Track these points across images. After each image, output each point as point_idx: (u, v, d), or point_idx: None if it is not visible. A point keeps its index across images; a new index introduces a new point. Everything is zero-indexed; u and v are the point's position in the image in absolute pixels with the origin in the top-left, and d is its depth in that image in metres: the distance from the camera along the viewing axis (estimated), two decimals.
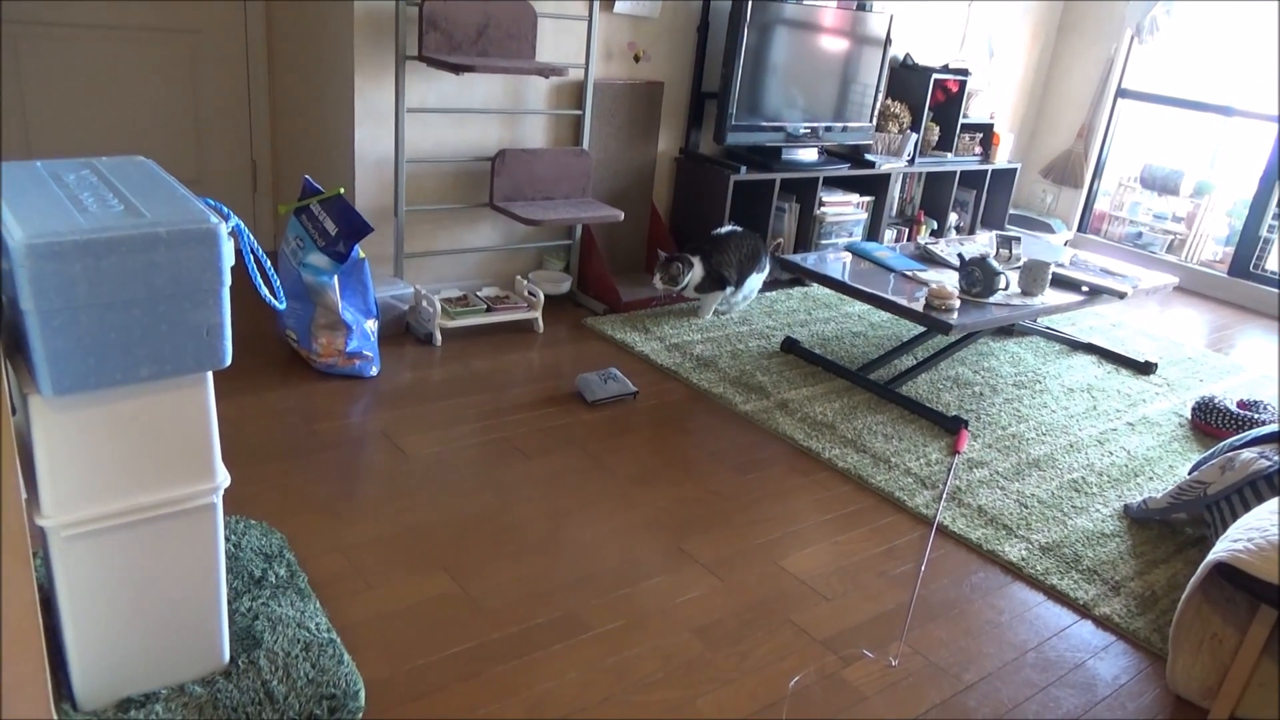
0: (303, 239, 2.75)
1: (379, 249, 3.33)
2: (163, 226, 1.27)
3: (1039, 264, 3.20)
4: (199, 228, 1.29)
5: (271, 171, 3.75)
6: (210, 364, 1.37)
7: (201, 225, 1.29)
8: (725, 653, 1.85)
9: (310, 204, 2.78)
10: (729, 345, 3.44)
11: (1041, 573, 2.23)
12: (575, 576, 2.03)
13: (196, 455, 1.44)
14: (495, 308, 3.32)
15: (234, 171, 3.68)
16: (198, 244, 1.29)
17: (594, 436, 2.67)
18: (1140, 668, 1.96)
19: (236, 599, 1.78)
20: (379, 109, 3.20)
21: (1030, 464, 2.78)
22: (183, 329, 1.32)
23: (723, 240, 3.63)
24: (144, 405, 1.37)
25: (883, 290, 3.10)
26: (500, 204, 3.37)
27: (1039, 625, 2.06)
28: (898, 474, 2.63)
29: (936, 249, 3.63)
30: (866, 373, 3.29)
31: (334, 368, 2.83)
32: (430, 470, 2.39)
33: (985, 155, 5.06)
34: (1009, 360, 3.65)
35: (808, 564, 2.18)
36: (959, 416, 2.98)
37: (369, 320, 2.88)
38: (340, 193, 2.74)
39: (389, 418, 2.64)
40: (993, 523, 2.43)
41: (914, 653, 1.92)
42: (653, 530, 2.24)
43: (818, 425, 2.87)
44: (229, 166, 3.66)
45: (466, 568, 2.01)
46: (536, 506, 2.28)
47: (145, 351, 1.31)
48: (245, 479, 2.24)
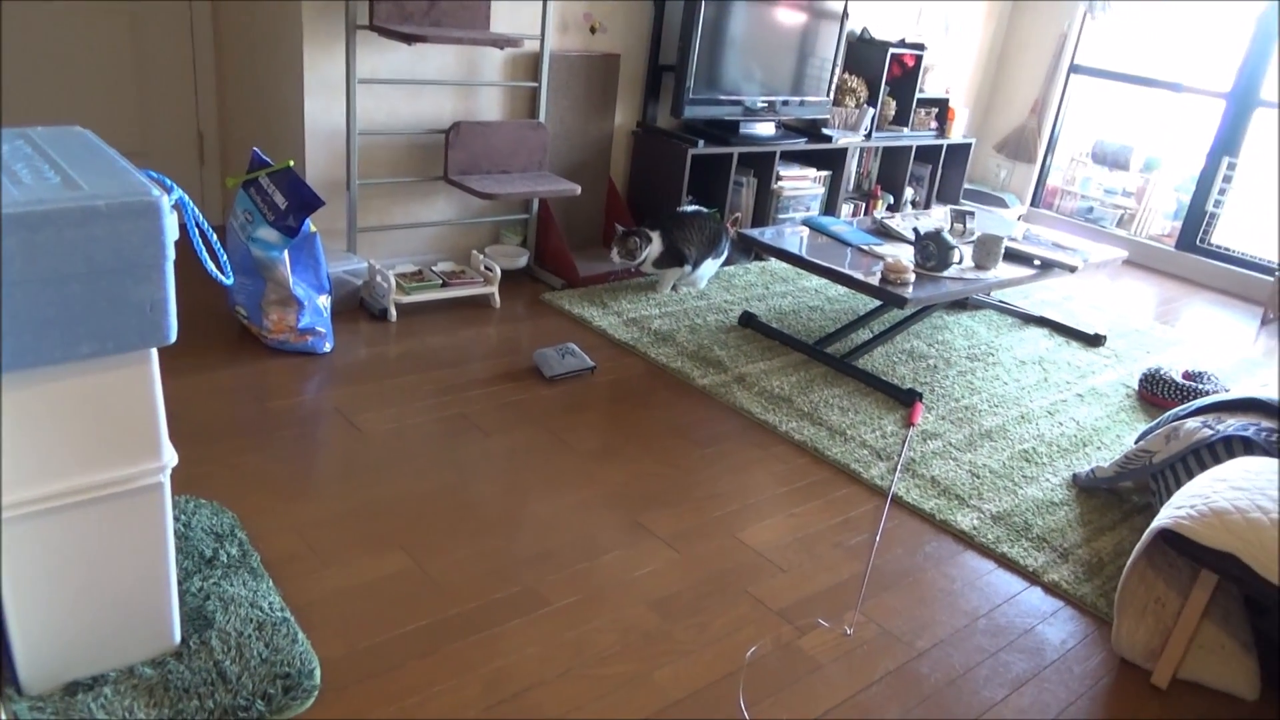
0: (252, 213, 2.69)
1: (331, 223, 3.28)
2: (101, 199, 1.24)
3: (992, 238, 3.23)
4: (139, 200, 1.26)
5: (219, 143, 3.67)
6: (154, 340, 1.34)
7: (142, 198, 1.26)
8: (683, 625, 1.86)
9: (259, 177, 2.73)
10: (687, 320, 3.45)
11: (993, 541, 2.27)
12: (534, 552, 2.02)
13: (142, 434, 1.41)
14: (451, 283, 3.29)
15: (180, 143, 3.59)
16: (138, 217, 1.26)
17: (552, 412, 2.67)
18: (1087, 632, 2.01)
19: (187, 579, 1.76)
20: (330, 80, 3.13)
21: (982, 435, 2.83)
22: (125, 305, 1.29)
23: (685, 219, 3.62)
24: (86, 384, 1.34)
25: (839, 264, 3.12)
26: (455, 177, 3.33)
27: (990, 592, 2.10)
28: (853, 446, 2.66)
29: (892, 223, 3.66)
30: (823, 346, 3.31)
31: (286, 344, 2.79)
32: (386, 448, 2.37)
33: (941, 130, 5.10)
34: (963, 333, 3.69)
35: (765, 536, 2.19)
36: (914, 389, 3.02)
37: (321, 296, 2.84)
38: (290, 165, 2.68)
39: (343, 395, 2.61)
40: (946, 493, 2.47)
41: (868, 621, 1.95)
42: (611, 505, 2.24)
43: (775, 399, 2.89)
44: (174, 138, 3.57)
45: (424, 545, 2.00)
46: (494, 483, 2.27)
47: (86, 328, 1.28)
48: (195, 458, 2.20)
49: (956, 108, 5.17)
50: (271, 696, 1.53)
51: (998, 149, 5.66)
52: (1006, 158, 5.64)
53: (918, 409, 2.90)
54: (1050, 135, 5.52)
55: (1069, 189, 5.61)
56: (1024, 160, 5.57)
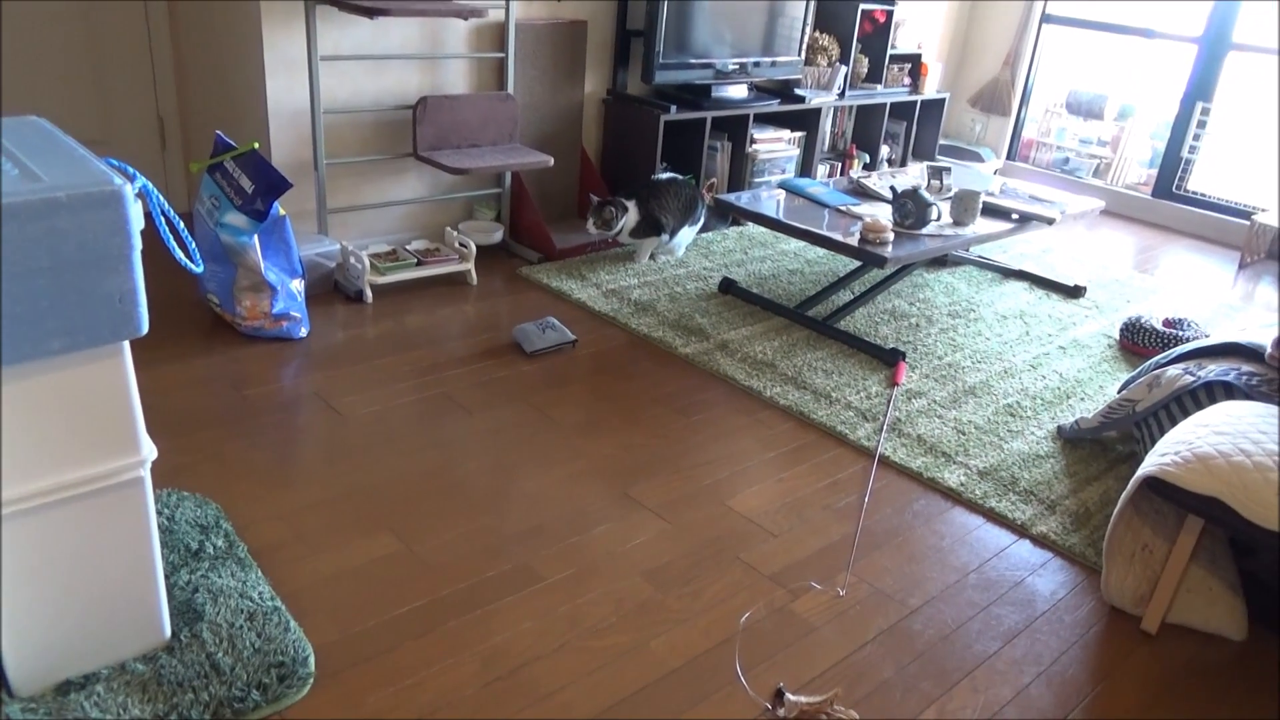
0: (218, 198, 2.66)
1: (300, 205, 3.25)
2: (63, 190, 1.21)
3: (969, 194, 3.24)
4: (102, 190, 1.24)
5: (180, 128, 3.61)
6: (126, 333, 1.32)
7: (105, 187, 1.24)
8: (676, 594, 1.88)
9: (224, 161, 2.69)
10: (666, 288, 3.44)
11: (980, 496, 2.30)
12: (524, 529, 2.03)
13: (119, 428, 1.39)
14: (426, 261, 3.27)
15: (140, 130, 3.53)
16: (102, 207, 1.24)
17: (535, 387, 2.66)
18: (1076, 581, 2.04)
19: (174, 573, 1.75)
20: (291, 58, 3.08)
21: (966, 392, 2.85)
22: (94, 298, 1.27)
23: (660, 186, 3.60)
24: (58, 380, 1.32)
25: (817, 226, 3.12)
26: (425, 154, 3.30)
27: (979, 547, 2.12)
28: (839, 409, 2.67)
29: (869, 182, 3.66)
30: (804, 310, 3.32)
31: (261, 330, 2.77)
32: (368, 431, 2.36)
33: (914, 86, 5.09)
34: (943, 291, 3.71)
35: (754, 502, 2.21)
36: (896, 349, 3.03)
37: (294, 280, 2.81)
38: (255, 148, 2.65)
39: (322, 379, 2.59)
40: (932, 451, 2.49)
41: (860, 581, 1.97)
42: (599, 478, 2.25)
43: (758, 364, 2.90)
44: (135, 125, 3.52)
45: (412, 527, 2.00)
46: (480, 461, 2.27)
47: (55, 323, 1.26)
48: (175, 450, 2.19)
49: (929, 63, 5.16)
50: (266, 686, 1.53)
51: (972, 103, 5.65)
52: (981, 111, 5.64)
53: (901, 368, 2.92)
54: (1024, 87, 5.52)
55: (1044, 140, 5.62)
56: (998, 113, 5.57)
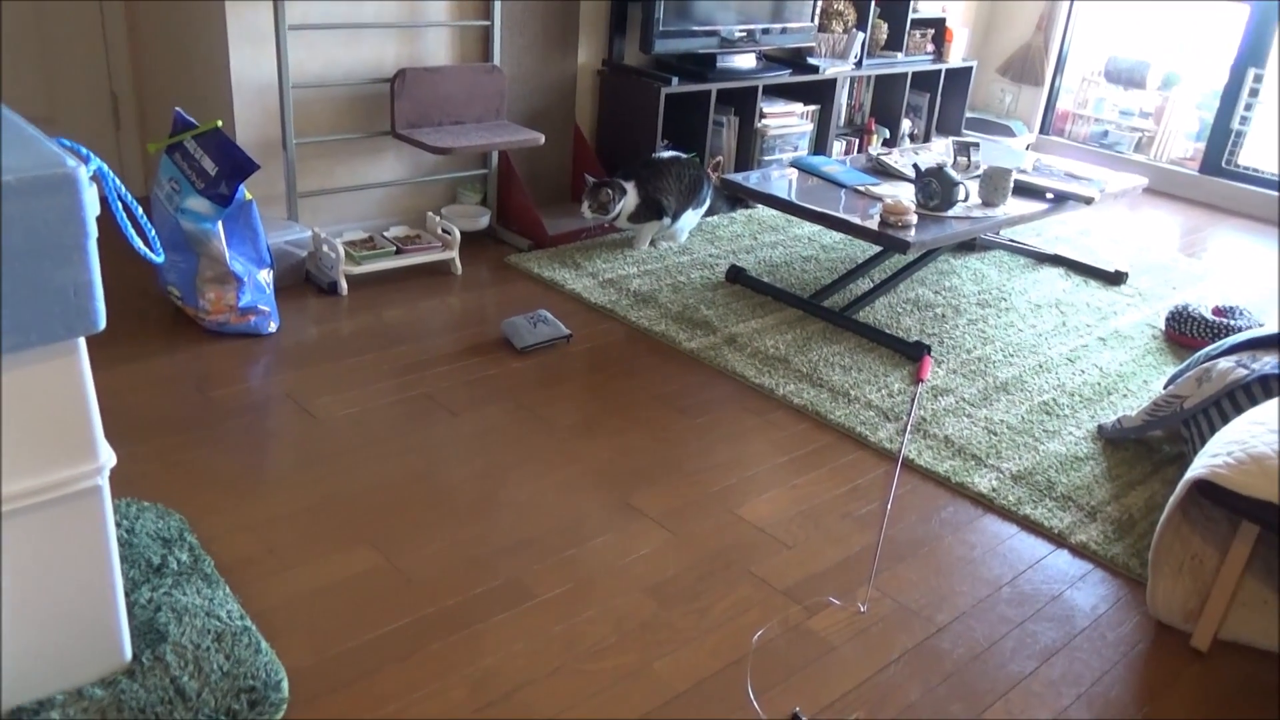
0: (178, 181, 2.67)
1: (268, 189, 3.26)
2: (10, 174, 1.22)
3: (999, 171, 3.24)
4: (53, 173, 1.24)
5: (136, 105, 3.62)
6: (81, 329, 1.33)
7: (56, 170, 1.24)
8: (682, 611, 1.89)
9: (184, 140, 2.69)
10: (669, 278, 3.45)
11: (1014, 503, 2.31)
12: (514, 540, 2.04)
13: (74, 434, 1.40)
14: (406, 249, 3.28)
15: (92, 107, 3.54)
16: (53, 192, 1.24)
17: (526, 387, 2.67)
18: (1119, 595, 2.05)
19: (134, 590, 1.76)
20: (256, 28, 3.09)
21: (998, 388, 2.86)
22: (46, 291, 1.28)
23: (661, 166, 3.60)
24: (7, 381, 1.33)
25: (833, 208, 3.13)
26: (404, 131, 3.30)
27: (1013, 558, 2.13)
28: (858, 408, 2.68)
29: (890, 160, 3.66)
30: (820, 300, 3.33)
31: (226, 326, 2.78)
32: (345, 434, 2.37)
33: (938, 54, 5.09)
34: (971, 278, 3.72)
35: (766, 510, 2.22)
36: (921, 342, 3.04)
37: (262, 270, 2.82)
38: (218, 126, 2.66)
39: (294, 378, 2.60)
40: (961, 453, 2.50)
41: (883, 596, 1.98)
42: (596, 485, 2.26)
43: (770, 360, 2.90)
44: (86, 101, 3.52)
45: (393, 539, 2.01)
46: (467, 467, 2.28)
47: (4, 320, 1.26)
48: (134, 457, 2.20)
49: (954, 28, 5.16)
50: (236, 712, 1.54)
51: (1001, 72, 5.65)
52: (1011, 81, 5.64)
53: (926, 363, 2.93)
54: (1059, 54, 5.52)
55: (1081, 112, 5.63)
56: (1030, 83, 5.58)
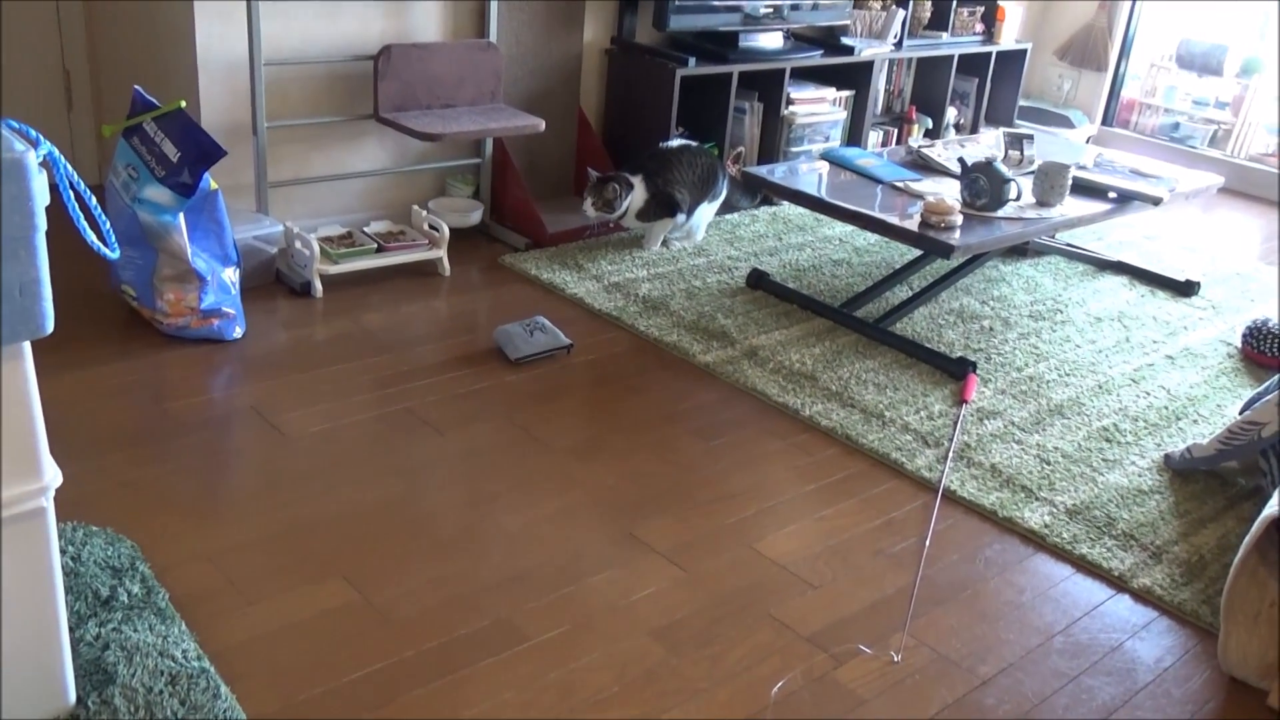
0: (136, 168, 2.68)
1: (236, 177, 3.27)
2: None
3: (1056, 167, 3.25)
4: None
5: (90, 83, 3.64)
6: (27, 332, 1.34)
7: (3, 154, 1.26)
8: (692, 658, 1.89)
9: (143, 123, 2.71)
10: (682, 282, 3.46)
11: (1068, 541, 2.30)
12: (505, 575, 2.04)
13: (16, 449, 1.41)
14: (388, 247, 3.29)
15: (41, 85, 3.56)
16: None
17: (520, 402, 2.68)
18: (1187, 646, 2.05)
19: (80, 625, 1.77)
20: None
21: (1052, 411, 2.85)
22: None
23: (671, 156, 3.61)
24: None
25: (868, 207, 3.13)
26: (388, 115, 3.32)
27: (1067, 604, 2.13)
28: (894, 431, 2.68)
29: (932, 153, 3.67)
30: (852, 309, 3.33)
31: (186, 330, 2.79)
32: (317, 454, 2.37)
33: (988, 34, 5.10)
34: (1023, 286, 3.72)
35: (788, 546, 2.22)
36: (965, 358, 3.04)
37: (228, 269, 2.83)
38: (181, 107, 2.67)
39: (261, 390, 2.61)
40: (1009, 484, 2.49)
41: (919, 645, 1.97)
42: (598, 514, 2.26)
43: (795, 376, 2.91)
44: (34, 79, 3.54)
45: (369, 572, 2.01)
46: (453, 492, 2.29)
47: None
48: (82, 475, 2.21)
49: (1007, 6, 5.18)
50: None
51: (1060, 55, 5.66)
52: (1071, 66, 5.65)
53: (971, 382, 2.93)
54: (1124, 36, 5.53)
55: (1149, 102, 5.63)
56: (1092, 68, 5.58)
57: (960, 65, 5.04)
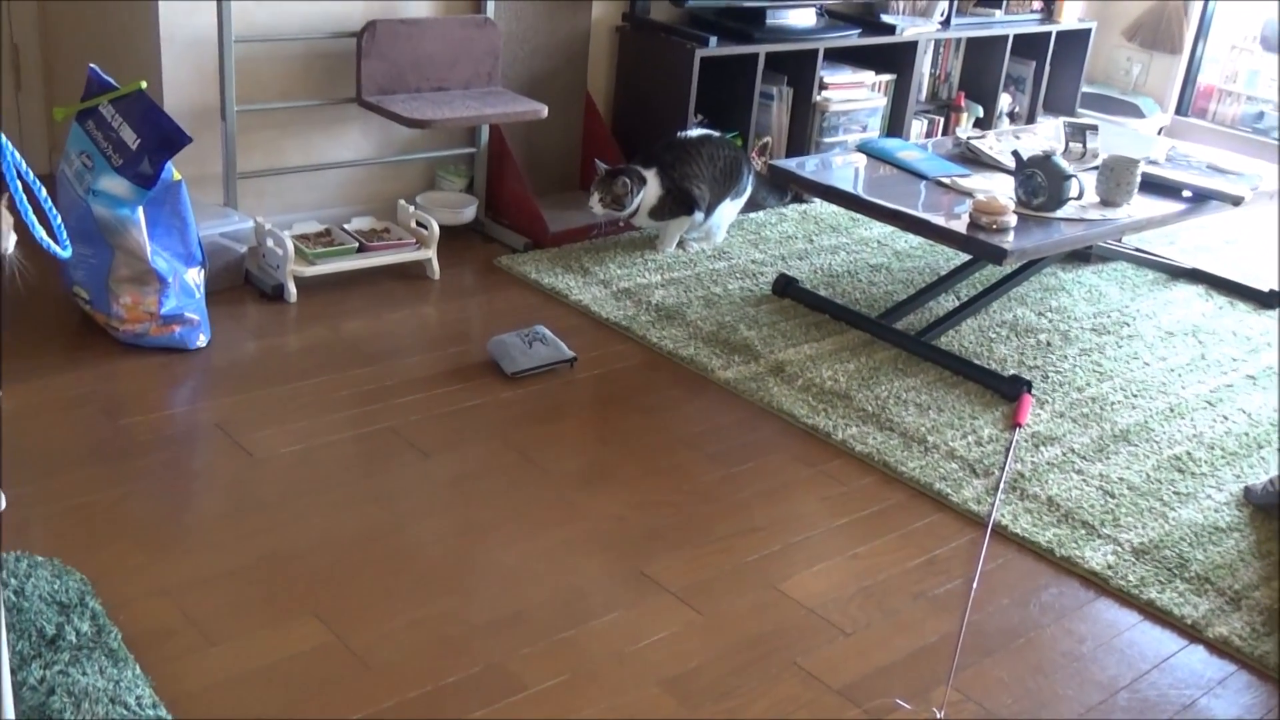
0: (91, 156, 2.70)
1: (201, 167, 3.28)
2: None
3: (1123, 162, 3.24)
4: None
5: (41, 60, 3.65)
6: None
7: None
8: (708, 711, 1.88)
9: (99, 105, 2.72)
10: (700, 289, 3.46)
11: (1135, 584, 2.30)
12: (498, 616, 2.04)
13: None
14: (371, 246, 3.30)
15: None
16: None
17: (517, 422, 2.68)
18: (1270, 704, 2.04)
19: (23, 667, 1.77)
20: None
21: (1117, 437, 2.85)
22: None
23: (689, 148, 3.62)
24: None
25: (910, 205, 3.13)
26: (372, 99, 3.33)
27: (1133, 655, 2.12)
28: (937, 458, 2.68)
29: (983, 145, 3.67)
30: (891, 320, 3.33)
31: (145, 338, 2.80)
32: (289, 477, 2.38)
33: (1048, 12, 5.10)
34: (1085, 296, 3.71)
35: (817, 586, 2.22)
36: (1019, 376, 3.04)
37: (191, 269, 2.84)
38: (142, 88, 2.68)
39: (227, 406, 2.62)
40: (1068, 519, 2.49)
41: (965, 700, 1.97)
42: (603, 548, 2.26)
43: (826, 395, 2.91)
44: None
45: (346, 610, 2.02)
46: (440, 522, 2.29)
47: None
48: (27, 500, 2.21)
49: None
50: None
51: (1128, 36, 5.66)
52: (1141, 47, 5.65)
53: (1026, 403, 2.92)
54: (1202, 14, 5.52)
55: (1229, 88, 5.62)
56: (1165, 50, 5.58)
57: (1015, 46, 5.04)
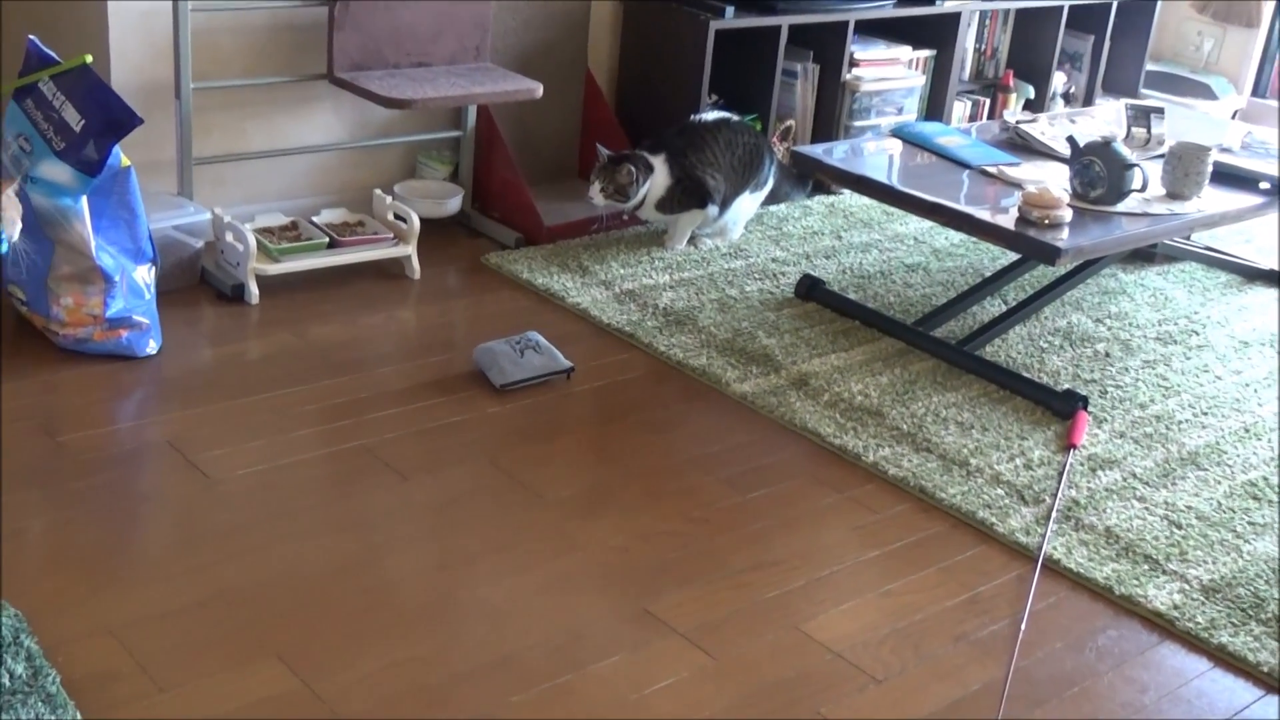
0: (30, 138, 2.70)
1: (153, 152, 3.28)
2: None
3: (1193, 149, 3.24)
4: None
5: None
6: None
7: None
8: None
9: (39, 82, 2.73)
10: (714, 291, 3.46)
11: (1204, 627, 2.29)
12: (485, 660, 2.04)
13: None
14: (343, 241, 3.30)
15: None
16: None
17: (507, 441, 2.68)
18: None
19: None
20: None
21: (1185, 460, 2.85)
22: None
23: (703, 132, 3.62)
24: None
25: (951, 198, 3.13)
26: (345, 75, 3.33)
27: (1202, 706, 2.12)
28: (981, 483, 2.68)
29: (1034, 130, 3.67)
30: (929, 327, 3.33)
31: (88, 344, 2.80)
32: (250, 503, 2.38)
33: None
34: (1149, 301, 3.71)
35: (845, 627, 2.21)
36: (1074, 391, 3.04)
37: (141, 266, 2.84)
38: (87, 63, 2.69)
39: (180, 421, 2.62)
40: (1128, 553, 2.49)
41: None
42: (603, 583, 2.26)
43: (856, 412, 2.91)
44: None
45: (313, 653, 2.02)
46: (420, 554, 2.29)
47: None
48: None
49: None
50: None
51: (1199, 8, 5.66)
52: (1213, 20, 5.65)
53: (1081, 422, 2.92)
54: None
55: None
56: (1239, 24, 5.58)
57: (1072, 18, 5.05)
